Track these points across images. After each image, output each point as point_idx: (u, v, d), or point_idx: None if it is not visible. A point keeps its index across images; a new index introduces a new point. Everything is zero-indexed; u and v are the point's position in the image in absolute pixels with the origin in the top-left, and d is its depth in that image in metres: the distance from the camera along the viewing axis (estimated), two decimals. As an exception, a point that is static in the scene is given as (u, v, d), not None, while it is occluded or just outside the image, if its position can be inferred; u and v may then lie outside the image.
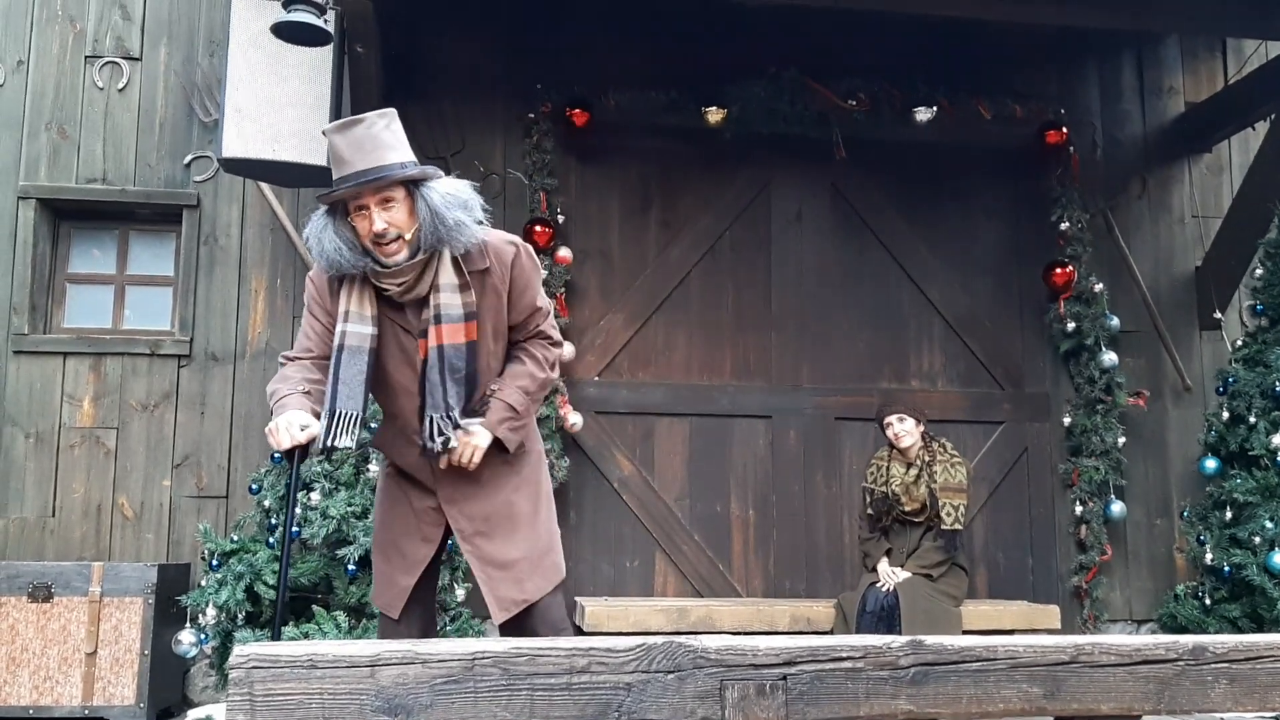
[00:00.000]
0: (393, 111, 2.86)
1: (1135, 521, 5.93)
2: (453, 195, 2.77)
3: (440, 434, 2.82)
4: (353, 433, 2.79)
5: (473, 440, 2.85)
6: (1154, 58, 6.39)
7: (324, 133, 2.83)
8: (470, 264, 2.84)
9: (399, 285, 2.81)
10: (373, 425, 4.76)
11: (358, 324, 2.82)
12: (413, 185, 2.77)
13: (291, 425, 2.70)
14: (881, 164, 5.95)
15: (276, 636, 2.93)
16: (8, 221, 5.45)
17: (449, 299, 2.81)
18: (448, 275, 2.81)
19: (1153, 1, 4.99)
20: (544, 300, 3.04)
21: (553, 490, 3.19)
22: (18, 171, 5.49)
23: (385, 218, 2.73)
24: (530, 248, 3.01)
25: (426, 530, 3.02)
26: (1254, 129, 6.10)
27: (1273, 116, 5.69)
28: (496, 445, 2.91)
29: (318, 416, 2.80)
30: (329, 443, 2.79)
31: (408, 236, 2.76)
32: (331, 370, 2.81)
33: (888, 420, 5.09)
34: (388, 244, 2.75)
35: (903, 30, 5.71)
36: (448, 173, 2.90)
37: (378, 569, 3.08)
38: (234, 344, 5.49)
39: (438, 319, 2.80)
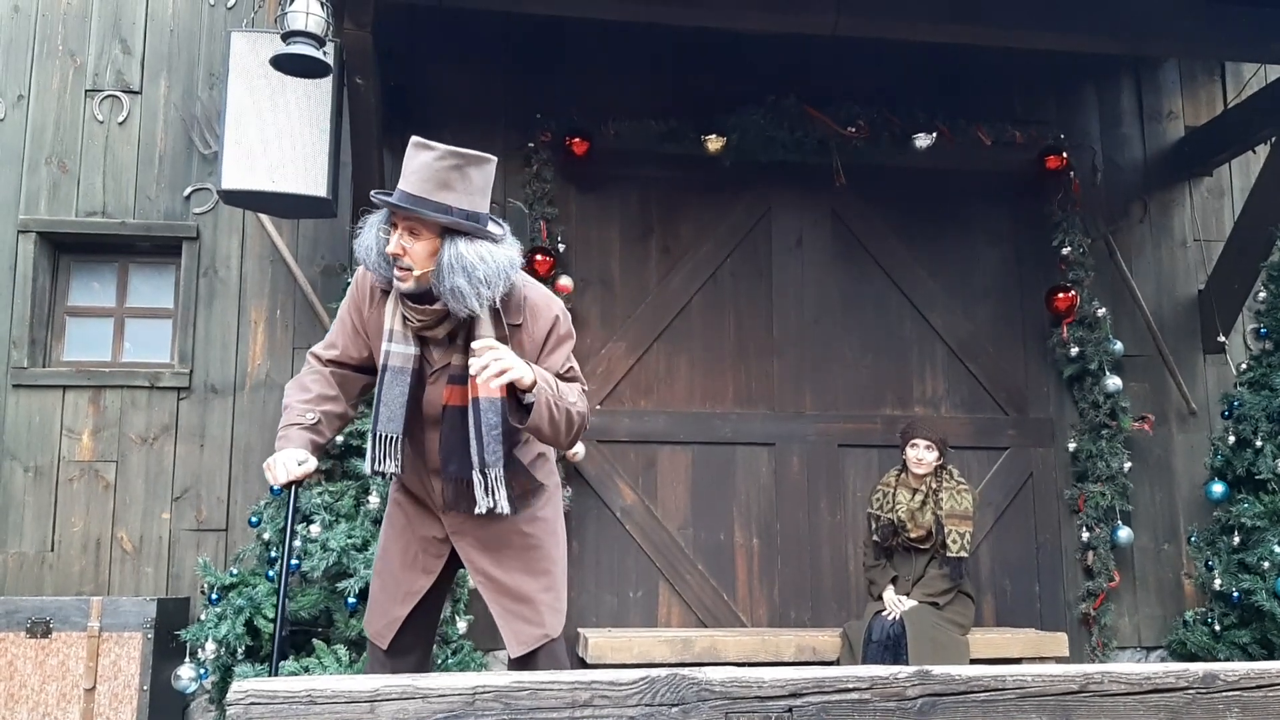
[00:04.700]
0: (486, 159, 2.75)
1: (1142, 547, 5.88)
2: (470, 260, 2.66)
3: (489, 494, 2.77)
4: (396, 457, 2.81)
5: (507, 358, 2.64)
6: (1153, 82, 6.41)
7: (411, 140, 2.78)
8: (508, 317, 2.81)
9: (419, 321, 2.79)
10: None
11: (401, 344, 2.81)
12: (447, 232, 2.70)
13: (289, 461, 2.75)
14: (881, 190, 5.94)
15: (274, 671, 2.90)
16: (7, 255, 5.45)
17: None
18: (486, 329, 2.76)
19: (1151, 27, 4.99)
20: (574, 366, 2.92)
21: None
22: (18, 205, 5.49)
23: (403, 244, 2.71)
24: (569, 314, 2.95)
25: (427, 561, 2.99)
26: (1254, 152, 6.10)
27: (1273, 140, 5.69)
28: (517, 410, 2.74)
29: (318, 450, 2.84)
30: (373, 468, 2.83)
31: (417, 272, 2.72)
32: (376, 391, 2.83)
33: (914, 441, 5.04)
34: (399, 268, 2.74)
35: (901, 57, 5.73)
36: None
37: (373, 596, 3.05)
38: (234, 376, 5.47)
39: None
